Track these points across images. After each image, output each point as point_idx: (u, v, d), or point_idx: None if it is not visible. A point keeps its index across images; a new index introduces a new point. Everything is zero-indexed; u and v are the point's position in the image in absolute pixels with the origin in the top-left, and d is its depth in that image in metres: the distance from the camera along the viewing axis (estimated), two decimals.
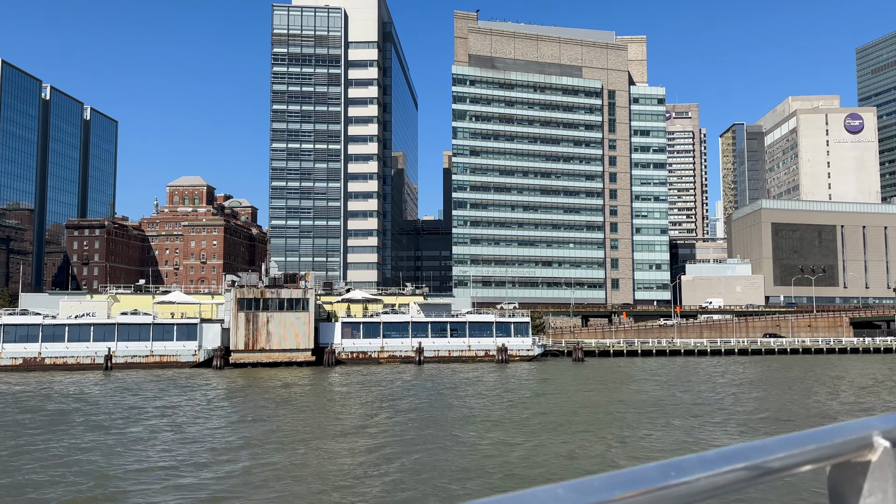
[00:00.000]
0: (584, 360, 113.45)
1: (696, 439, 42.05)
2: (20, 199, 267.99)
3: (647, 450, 38.93)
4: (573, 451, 38.26)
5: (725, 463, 1.86)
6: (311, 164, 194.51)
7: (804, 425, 41.82)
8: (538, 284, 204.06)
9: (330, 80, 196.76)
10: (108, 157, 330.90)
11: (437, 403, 59.31)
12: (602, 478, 1.69)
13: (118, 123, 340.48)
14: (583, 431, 44.44)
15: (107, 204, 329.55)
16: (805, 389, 72.90)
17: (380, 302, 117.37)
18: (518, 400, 62.10)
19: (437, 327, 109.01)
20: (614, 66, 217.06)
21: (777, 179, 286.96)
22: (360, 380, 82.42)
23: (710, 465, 1.83)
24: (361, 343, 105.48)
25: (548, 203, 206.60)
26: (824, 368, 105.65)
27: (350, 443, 41.06)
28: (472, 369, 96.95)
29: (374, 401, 61.17)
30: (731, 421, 50.03)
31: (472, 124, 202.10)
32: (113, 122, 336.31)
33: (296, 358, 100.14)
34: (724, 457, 1.88)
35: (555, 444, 40.05)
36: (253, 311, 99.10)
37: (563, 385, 76.97)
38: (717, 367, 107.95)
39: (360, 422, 49.24)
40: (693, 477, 1.78)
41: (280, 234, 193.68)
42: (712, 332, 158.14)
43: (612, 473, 1.71)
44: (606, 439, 41.76)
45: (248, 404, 59.17)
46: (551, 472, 33.07)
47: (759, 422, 49.64)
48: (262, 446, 39.59)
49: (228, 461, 35.85)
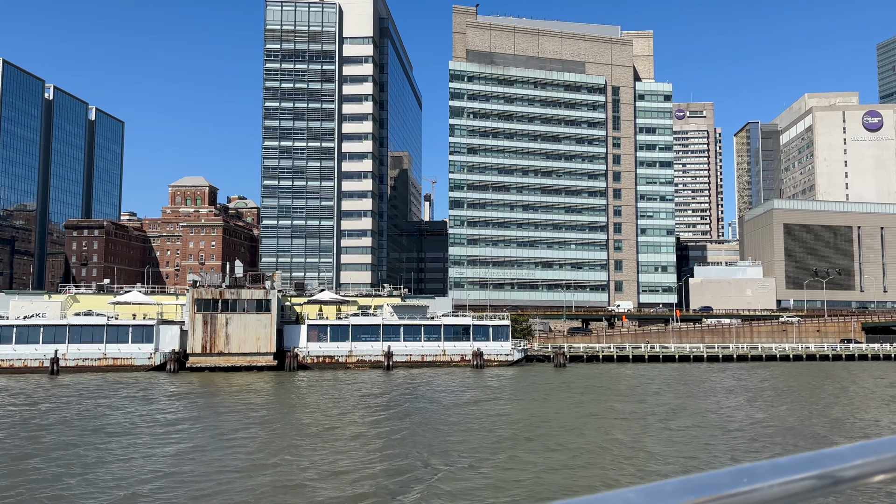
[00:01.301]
0: (565, 366, 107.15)
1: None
2: (22, 199, 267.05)
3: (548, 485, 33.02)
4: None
5: (799, 470, 1.81)
6: (304, 162, 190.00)
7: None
8: (538, 287, 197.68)
9: (324, 77, 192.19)
10: (114, 157, 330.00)
11: (350, 420, 53.67)
12: (674, 482, 1.67)
13: (125, 124, 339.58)
14: (497, 465, 38.54)
15: (112, 205, 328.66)
16: (816, 404, 66.17)
17: (354, 304, 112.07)
18: (451, 421, 56.24)
19: (411, 330, 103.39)
20: (619, 61, 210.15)
21: (792, 179, 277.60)
22: (312, 388, 77.05)
23: (784, 471, 1.79)
24: (328, 347, 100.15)
25: (548, 203, 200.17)
26: (830, 377, 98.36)
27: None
28: (442, 375, 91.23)
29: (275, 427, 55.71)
30: (685, 460, 43.79)
31: (469, 122, 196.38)
32: (119, 122, 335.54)
33: (256, 362, 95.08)
34: (798, 464, 1.83)
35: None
36: (211, 313, 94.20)
37: (526, 395, 70.96)
38: (709, 374, 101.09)
39: (246, 462, 43.76)
40: (766, 484, 1.75)
41: (272, 234, 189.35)
42: (714, 336, 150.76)
43: (685, 478, 1.68)
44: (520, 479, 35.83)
45: (154, 433, 53.95)
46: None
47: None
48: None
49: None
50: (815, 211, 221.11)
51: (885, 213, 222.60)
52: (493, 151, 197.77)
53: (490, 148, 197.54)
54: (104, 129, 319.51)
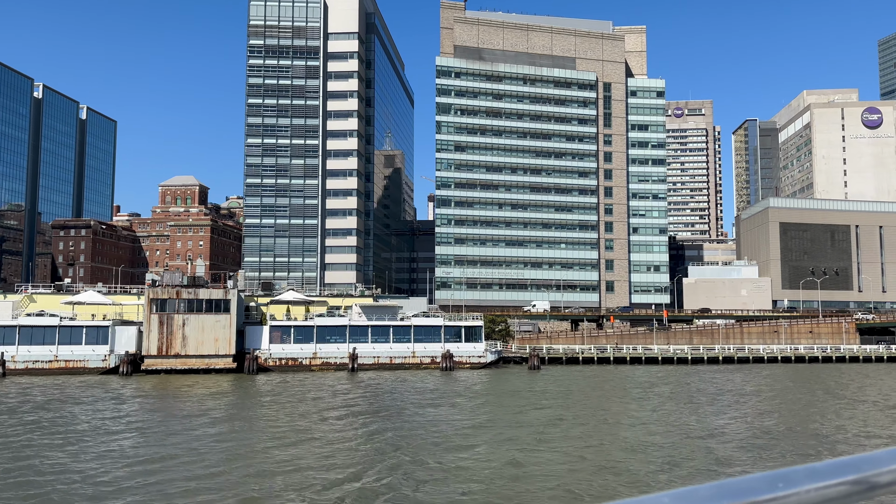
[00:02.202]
0: (539, 369, 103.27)
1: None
2: (11, 199, 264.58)
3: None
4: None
5: (835, 475, 1.78)
6: (288, 160, 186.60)
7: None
8: (527, 287, 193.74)
9: (308, 73, 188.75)
10: (106, 156, 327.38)
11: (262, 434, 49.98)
12: (708, 487, 1.65)
13: (117, 123, 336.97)
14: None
15: (104, 204, 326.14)
16: (779, 412, 62.20)
17: (324, 304, 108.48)
18: (393, 433, 52.51)
19: (379, 331, 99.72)
20: (610, 57, 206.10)
21: (791, 178, 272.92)
22: (260, 393, 73.44)
23: (820, 476, 1.76)
24: (292, 349, 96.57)
25: (538, 201, 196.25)
26: (812, 381, 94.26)
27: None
28: (407, 378, 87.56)
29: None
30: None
31: (457, 118, 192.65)
32: (111, 121, 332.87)
33: (214, 364, 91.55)
34: (834, 468, 1.80)
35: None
36: (168, 314, 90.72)
37: (476, 400, 67.17)
38: (686, 377, 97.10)
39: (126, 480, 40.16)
40: (801, 489, 1.72)
41: (255, 234, 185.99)
42: (703, 338, 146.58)
43: (719, 483, 1.67)
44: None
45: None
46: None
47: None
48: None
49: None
50: (811, 209, 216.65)
51: (883, 211, 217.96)
52: (481, 149, 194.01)
53: (478, 145, 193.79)
54: (96, 129, 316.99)
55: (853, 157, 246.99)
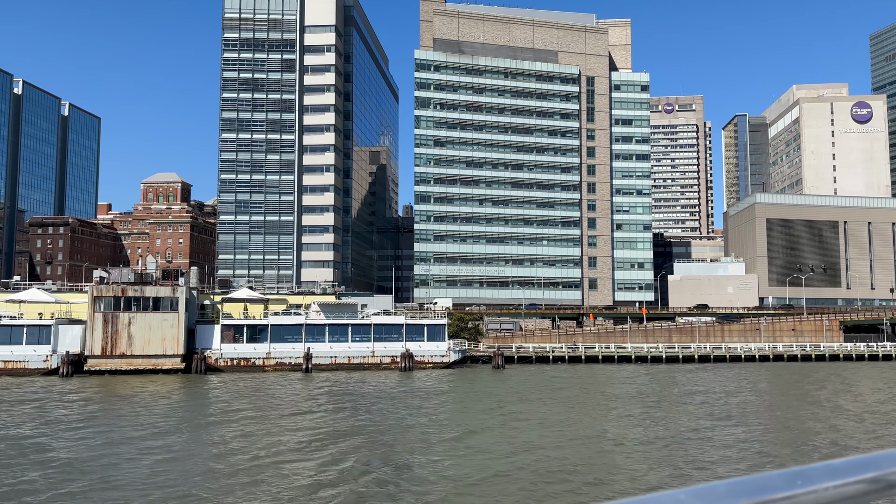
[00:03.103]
0: (504, 368, 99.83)
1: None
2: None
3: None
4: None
5: (854, 472, 1.77)
6: (263, 155, 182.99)
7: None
8: (509, 284, 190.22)
9: (284, 67, 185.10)
10: (90, 153, 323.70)
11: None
12: (726, 484, 1.64)
13: (101, 120, 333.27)
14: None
15: (88, 202, 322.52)
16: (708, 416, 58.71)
17: (283, 302, 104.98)
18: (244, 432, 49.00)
19: (337, 330, 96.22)
20: (594, 50, 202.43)
21: (780, 173, 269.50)
22: (192, 397, 69.90)
23: (838, 474, 1.74)
24: (244, 348, 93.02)
25: (519, 197, 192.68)
26: (791, 380, 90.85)
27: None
28: (363, 378, 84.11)
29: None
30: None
31: (436, 113, 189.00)
32: (95, 118, 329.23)
33: (162, 365, 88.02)
34: (853, 466, 1.79)
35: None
36: (112, 312, 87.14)
37: (418, 402, 63.67)
38: (655, 376, 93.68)
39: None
40: (820, 486, 1.71)
41: (229, 231, 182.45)
42: (683, 336, 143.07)
43: (737, 480, 1.65)
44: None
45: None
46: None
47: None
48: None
49: None
50: (798, 205, 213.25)
51: (872, 207, 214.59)
52: (461, 144, 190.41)
53: (458, 140, 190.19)
54: (78, 125, 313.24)
55: (842, 152, 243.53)
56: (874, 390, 79.30)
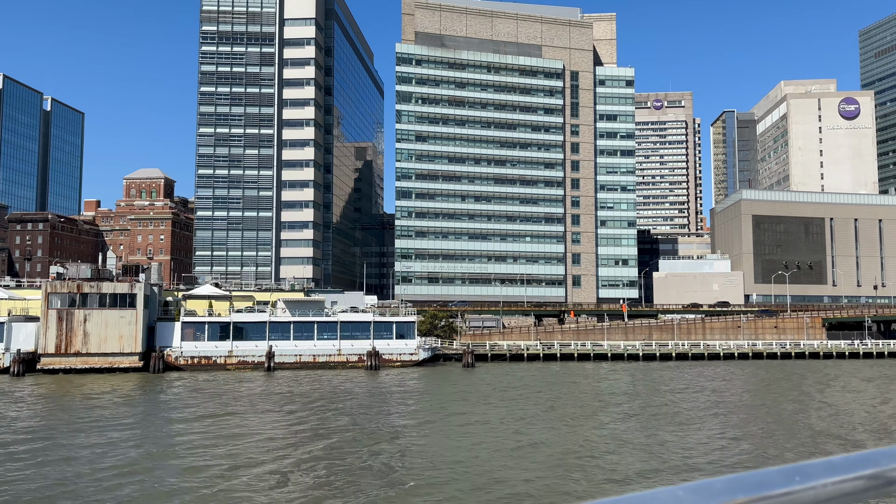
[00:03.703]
0: (474, 366, 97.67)
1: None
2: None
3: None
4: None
5: (852, 469, 1.75)
6: (241, 150, 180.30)
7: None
8: (491, 281, 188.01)
9: (263, 60, 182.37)
10: (73, 149, 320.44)
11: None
12: (724, 480, 1.63)
13: (85, 115, 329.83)
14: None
15: (71, 198, 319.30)
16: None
17: (250, 299, 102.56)
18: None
19: (302, 328, 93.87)
20: (578, 45, 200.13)
21: (768, 170, 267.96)
22: (130, 399, 67.48)
23: (837, 470, 1.73)
24: (205, 346, 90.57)
25: (502, 193, 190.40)
26: (761, 380, 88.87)
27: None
28: (326, 377, 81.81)
29: None
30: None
31: (418, 107, 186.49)
32: (79, 113, 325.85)
33: (119, 363, 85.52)
34: (852, 463, 1.77)
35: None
36: (68, 309, 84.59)
37: (361, 403, 61.41)
38: (621, 375, 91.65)
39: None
40: (818, 482, 1.69)
41: (206, 227, 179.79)
42: (663, 333, 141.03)
43: (734, 476, 1.64)
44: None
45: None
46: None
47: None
48: None
49: None
50: (785, 202, 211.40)
51: (858, 203, 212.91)
52: (443, 139, 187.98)
53: (440, 135, 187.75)
54: (61, 120, 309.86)
55: (830, 148, 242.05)
56: (847, 390, 77.34)
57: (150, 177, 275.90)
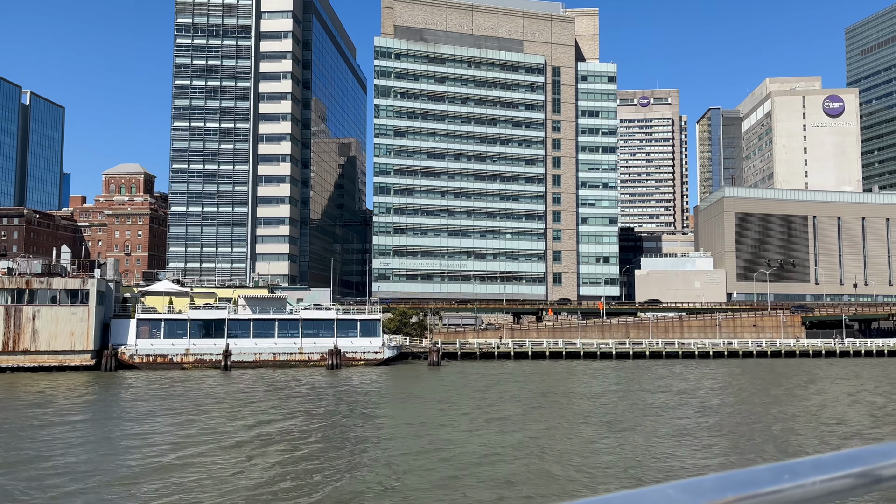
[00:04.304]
0: (439, 365, 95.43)
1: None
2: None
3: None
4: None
5: (841, 467, 1.76)
6: (217, 144, 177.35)
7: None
8: (470, 279, 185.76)
9: (239, 53, 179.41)
10: (53, 143, 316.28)
11: None
12: (713, 478, 1.64)
13: (65, 109, 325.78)
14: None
15: (51, 193, 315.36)
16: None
17: (212, 295, 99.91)
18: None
19: (262, 325, 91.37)
20: (560, 40, 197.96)
21: (753, 167, 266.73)
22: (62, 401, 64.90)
23: (825, 468, 1.74)
24: (161, 344, 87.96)
25: (482, 189, 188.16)
26: (719, 381, 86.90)
27: None
28: (277, 377, 79.34)
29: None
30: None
31: (396, 102, 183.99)
32: (59, 107, 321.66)
33: (70, 361, 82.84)
34: (840, 461, 1.78)
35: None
36: (16, 305, 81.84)
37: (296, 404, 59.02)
38: (597, 373, 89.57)
39: None
40: (807, 480, 1.70)
41: (180, 222, 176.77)
42: (640, 331, 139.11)
43: (724, 474, 1.65)
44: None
45: None
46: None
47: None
48: None
49: None
50: (768, 199, 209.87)
51: (841, 202, 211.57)
52: (422, 134, 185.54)
53: (419, 130, 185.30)
54: (41, 115, 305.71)
55: (814, 146, 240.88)
56: (813, 391, 75.46)
57: (129, 172, 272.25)
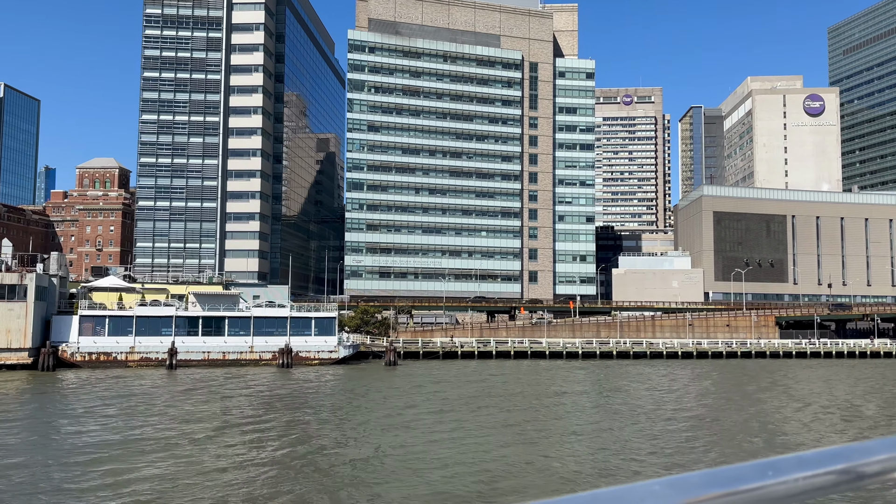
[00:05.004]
0: (396, 364, 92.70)
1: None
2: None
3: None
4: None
5: (824, 464, 1.79)
6: (186, 138, 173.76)
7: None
8: (445, 277, 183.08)
9: (209, 45, 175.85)
10: (28, 137, 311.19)
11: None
12: (699, 475, 1.67)
13: (41, 102, 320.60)
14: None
15: (26, 188, 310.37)
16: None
17: (164, 292, 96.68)
18: None
19: (212, 323, 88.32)
20: (538, 35, 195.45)
21: (734, 166, 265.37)
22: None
23: (808, 465, 1.76)
24: (105, 342, 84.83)
25: (458, 186, 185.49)
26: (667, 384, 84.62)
27: None
28: (217, 377, 76.40)
29: None
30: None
31: (370, 96, 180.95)
32: (34, 100, 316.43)
33: (6, 360, 79.62)
34: (823, 458, 1.81)
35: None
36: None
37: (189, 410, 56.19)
38: (550, 373, 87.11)
39: None
40: (791, 477, 1.73)
41: (148, 217, 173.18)
42: (612, 331, 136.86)
43: (710, 471, 1.68)
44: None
45: None
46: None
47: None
48: None
49: None
50: (746, 199, 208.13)
51: (820, 201, 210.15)
52: (396, 129, 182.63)
53: (393, 125, 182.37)
54: (15, 107, 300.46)
55: (794, 145, 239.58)
56: (768, 396, 73.24)
57: (104, 166, 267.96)
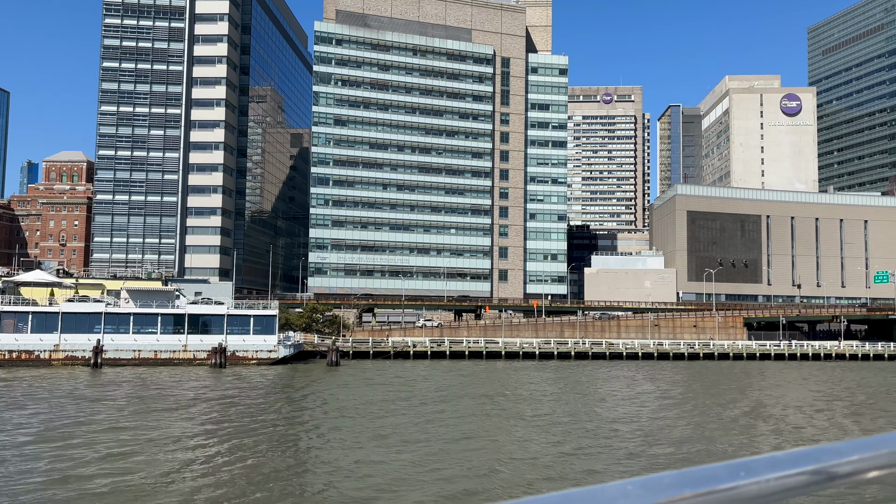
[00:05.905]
0: (338, 365, 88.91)
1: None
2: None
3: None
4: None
5: (796, 465, 1.80)
6: (146, 130, 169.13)
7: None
8: (413, 274, 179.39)
9: (171, 36, 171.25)
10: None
11: None
12: (672, 475, 1.67)
13: (10, 94, 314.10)
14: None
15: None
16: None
17: (99, 287, 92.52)
18: None
19: (144, 320, 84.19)
20: (510, 30, 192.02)
21: (712, 166, 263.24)
22: None
23: (780, 466, 1.78)
24: (27, 339, 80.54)
25: (426, 182, 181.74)
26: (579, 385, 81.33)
27: None
28: (141, 376, 72.38)
29: None
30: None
31: (337, 89, 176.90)
32: (4, 92, 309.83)
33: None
34: (795, 458, 1.82)
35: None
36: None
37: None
38: (496, 374, 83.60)
39: None
40: (762, 478, 1.73)
41: (106, 211, 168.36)
42: (576, 331, 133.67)
43: (682, 471, 1.68)
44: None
45: None
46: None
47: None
48: None
49: None
50: (721, 198, 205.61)
51: (795, 201, 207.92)
52: (364, 124, 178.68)
53: (361, 120, 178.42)
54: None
55: (771, 145, 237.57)
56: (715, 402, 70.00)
57: (71, 160, 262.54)
